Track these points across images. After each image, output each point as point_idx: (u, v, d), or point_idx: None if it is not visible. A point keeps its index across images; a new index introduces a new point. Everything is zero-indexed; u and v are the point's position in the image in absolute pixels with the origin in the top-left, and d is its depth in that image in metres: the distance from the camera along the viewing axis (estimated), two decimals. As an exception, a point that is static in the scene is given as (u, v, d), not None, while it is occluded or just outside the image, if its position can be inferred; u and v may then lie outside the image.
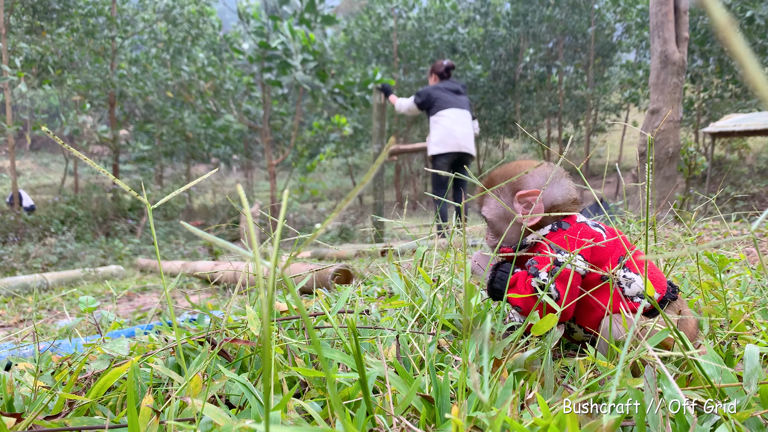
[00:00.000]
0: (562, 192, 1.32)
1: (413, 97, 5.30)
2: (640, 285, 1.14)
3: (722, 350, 0.93)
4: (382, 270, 2.09)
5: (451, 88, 5.22)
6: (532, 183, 1.34)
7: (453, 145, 4.91)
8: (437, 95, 5.13)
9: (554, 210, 1.31)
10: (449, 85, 5.23)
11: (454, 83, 5.27)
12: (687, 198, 7.87)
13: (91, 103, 13.27)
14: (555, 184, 1.32)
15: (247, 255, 0.39)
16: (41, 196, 15.84)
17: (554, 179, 1.33)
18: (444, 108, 5.07)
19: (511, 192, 1.35)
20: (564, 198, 1.32)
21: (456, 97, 5.15)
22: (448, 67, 5.34)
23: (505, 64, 21.41)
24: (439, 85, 5.24)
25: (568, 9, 20.23)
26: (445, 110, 5.03)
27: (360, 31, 20.62)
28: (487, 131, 23.01)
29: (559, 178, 1.34)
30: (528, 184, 1.34)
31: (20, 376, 0.98)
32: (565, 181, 1.33)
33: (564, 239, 1.24)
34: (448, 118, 4.98)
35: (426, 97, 5.20)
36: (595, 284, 1.17)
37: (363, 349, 1.02)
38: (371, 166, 0.35)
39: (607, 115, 21.93)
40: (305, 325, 0.34)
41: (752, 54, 0.22)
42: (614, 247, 1.20)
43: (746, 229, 2.85)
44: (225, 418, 0.66)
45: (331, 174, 27.02)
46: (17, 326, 3.24)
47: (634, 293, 1.14)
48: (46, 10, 11.24)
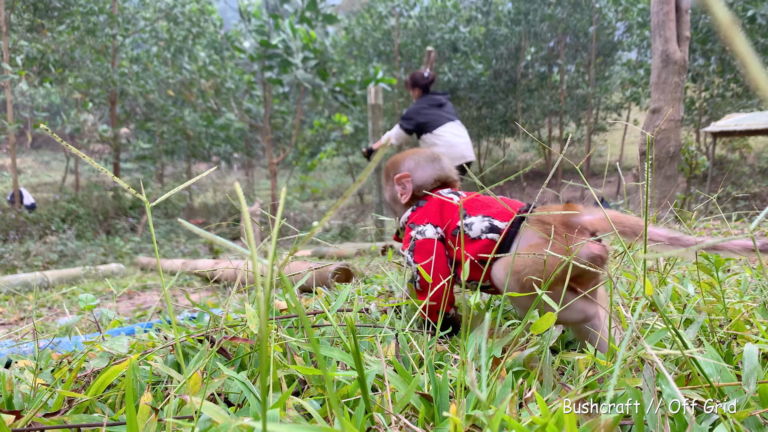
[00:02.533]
0: (431, 173, 1.52)
1: (400, 124, 4.91)
2: (480, 225, 1.31)
3: (722, 349, 0.93)
4: (383, 268, 2.09)
5: (435, 102, 4.88)
6: (405, 166, 1.54)
7: (458, 158, 4.78)
8: (426, 117, 4.82)
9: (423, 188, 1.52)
10: (432, 100, 4.89)
11: (436, 96, 4.93)
12: (688, 197, 7.87)
13: (92, 101, 13.28)
14: (425, 166, 1.53)
15: (246, 253, 0.39)
16: (42, 194, 15.87)
17: (423, 162, 1.53)
18: (438, 126, 4.84)
19: (393, 177, 1.56)
20: (433, 178, 1.52)
21: (444, 111, 4.90)
22: (431, 79, 5.01)
23: (506, 63, 21.40)
24: (422, 103, 4.89)
25: (570, 8, 20.21)
26: (439, 128, 4.80)
27: (361, 29, 20.61)
28: (488, 130, 23.01)
29: (429, 161, 1.54)
30: (402, 168, 1.55)
31: (20, 373, 0.99)
32: (436, 164, 1.53)
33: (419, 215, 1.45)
34: (446, 134, 4.78)
35: (414, 125, 4.82)
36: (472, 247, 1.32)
37: (362, 347, 1.02)
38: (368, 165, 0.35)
39: (609, 114, 21.92)
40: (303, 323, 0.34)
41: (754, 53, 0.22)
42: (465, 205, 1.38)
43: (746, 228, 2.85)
44: (223, 416, 0.66)
45: (331, 173, 27.01)
46: (17, 324, 3.24)
47: (478, 233, 1.31)
48: (47, 8, 11.24)
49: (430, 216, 1.42)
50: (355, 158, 23.26)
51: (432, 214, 1.41)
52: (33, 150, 28.97)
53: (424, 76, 4.99)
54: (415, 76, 5.02)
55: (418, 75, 5.02)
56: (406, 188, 1.50)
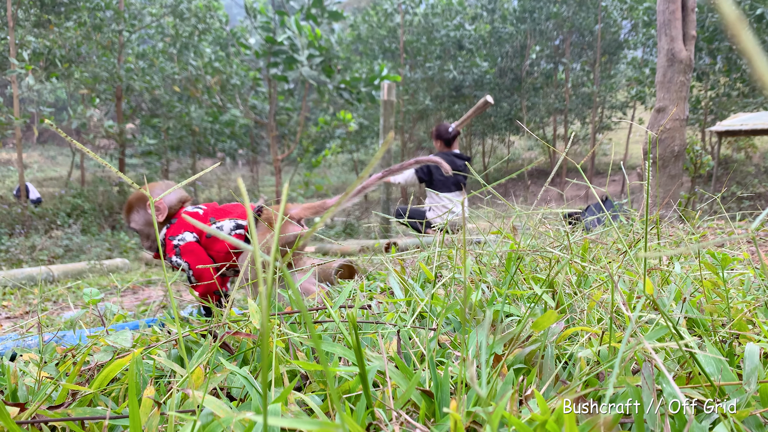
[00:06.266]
0: (176, 196, 2.02)
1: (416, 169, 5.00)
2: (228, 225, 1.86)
3: (723, 349, 0.93)
4: (386, 265, 2.09)
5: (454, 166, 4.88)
6: (155, 194, 1.96)
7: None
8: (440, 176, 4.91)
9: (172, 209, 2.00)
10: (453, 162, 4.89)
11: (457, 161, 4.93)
12: (692, 197, 7.84)
13: (99, 96, 13.31)
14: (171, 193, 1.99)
15: (249, 249, 0.39)
16: (48, 189, 15.92)
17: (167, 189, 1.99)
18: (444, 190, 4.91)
19: (146, 205, 2.03)
20: (178, 200, 2.03)
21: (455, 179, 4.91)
22: (455, 134, 5.05)
23: (511, 61, 21.36)
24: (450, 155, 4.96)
25: (575, 6, 20.14)
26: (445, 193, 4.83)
27: (367, 26, 20.59)
28: (492, 128, 22.97)
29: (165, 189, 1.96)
30: (155, 195, 1.94)
31: (25, 366, 0.99)
32: (178, 191, 2.05)
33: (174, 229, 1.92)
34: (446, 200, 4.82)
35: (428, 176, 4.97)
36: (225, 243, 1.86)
37: (364, 343, 1.03)
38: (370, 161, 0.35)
39: (614, 113, 21.85)
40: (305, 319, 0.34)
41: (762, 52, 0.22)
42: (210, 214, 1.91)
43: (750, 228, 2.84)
44: (225, 410, 0.66)
45: (336, 170, 27.02)
46: (23, 317, 3.26)
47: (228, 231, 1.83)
48: (53, 4, 11.27)
49: (185, 226, 1.89)
50: (359, 155, 23.27)
51: (186, 225, 1.91)
52: (39, 145, 29.07)
53: (449, 130, 5.06)
54: (440, 129, 5.11)
55: (443, 128, 5.10)
56: (162, 210, 1.96)
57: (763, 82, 0.22)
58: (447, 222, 1.40)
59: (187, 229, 1.87)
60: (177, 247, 1.85)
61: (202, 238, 1.88)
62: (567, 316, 1.07)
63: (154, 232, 2.00)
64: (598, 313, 1.10)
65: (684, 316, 1.02)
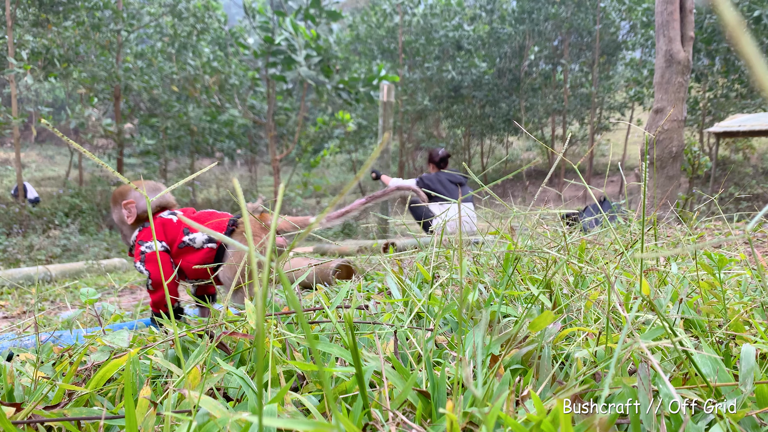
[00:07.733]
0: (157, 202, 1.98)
1: (417, 182, 5.16)
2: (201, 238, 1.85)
3: (720, 350, 0.93)
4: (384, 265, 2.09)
5: (453, 180, 5.10)
6: (131, 195, 1.95)
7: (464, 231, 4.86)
8: (444, 188, 5.02)
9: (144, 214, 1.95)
10: (451, 177, 5.10)
11: (454, 175, 5.13)
12: (690, 197, 7.85)
13: (97, 96, 13.30)
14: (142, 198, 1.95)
15: (245, 249, 0.39)
16: (46, 189, 15.90)
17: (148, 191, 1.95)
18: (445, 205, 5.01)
19: (120, 203, 1.96)
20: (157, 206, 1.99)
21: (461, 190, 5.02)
22: (443, 156, 5.24)
23: (510, 62, 21.37)
24: (441, 176, 5.11)
25: (574, 7, 20.16)
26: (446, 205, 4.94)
27: (365, 26, 20.59)
28: (491, 128, 22.98)
29: (150, 190, 1.96)
30: (128, 196, 1.95)
31: (21, 366, 0.99)
32: (157, 192, 1.97)
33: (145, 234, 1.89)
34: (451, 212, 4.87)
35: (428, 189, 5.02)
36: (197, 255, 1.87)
37: (361, 344, 1.03)
38: (366, 161, 0.35)
39: (612, 114, 21.86)
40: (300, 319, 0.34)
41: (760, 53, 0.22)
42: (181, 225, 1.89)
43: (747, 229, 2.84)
44: (222, 410, 0.66)
45: (334, 170, 27.01)
46: (20, 317, 3.26)
47: (200, 244, 1.85)
48: (52, 3, 11.25)
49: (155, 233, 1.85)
50: (357, 155, 23.27)
51: (156, 232, 1.86)
52: (37, 144, 29.02)
53: (438, 153, 5.32)
54: (431, 153, 5.39)
55: (434, 152, 5.37)
56: (132, 212, 1.91)
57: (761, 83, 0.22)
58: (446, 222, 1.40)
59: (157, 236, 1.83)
60: (143, 254, 1.85)
61: (174, 247, 1.87)
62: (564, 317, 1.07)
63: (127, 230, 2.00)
64: (594, 313, 1.11)
65: (681, 316, 1.02)
